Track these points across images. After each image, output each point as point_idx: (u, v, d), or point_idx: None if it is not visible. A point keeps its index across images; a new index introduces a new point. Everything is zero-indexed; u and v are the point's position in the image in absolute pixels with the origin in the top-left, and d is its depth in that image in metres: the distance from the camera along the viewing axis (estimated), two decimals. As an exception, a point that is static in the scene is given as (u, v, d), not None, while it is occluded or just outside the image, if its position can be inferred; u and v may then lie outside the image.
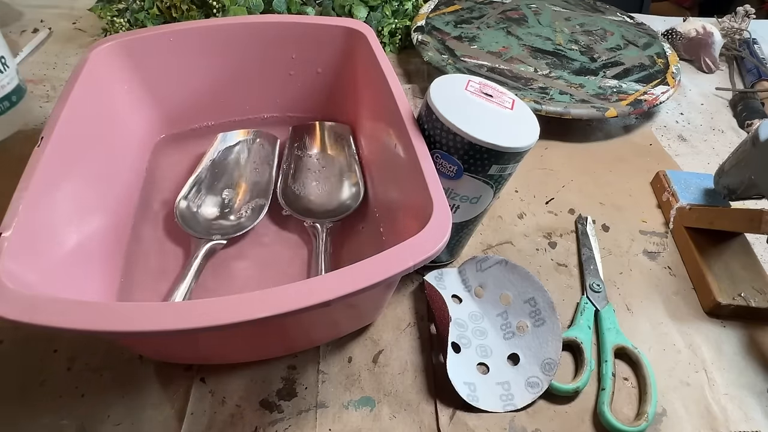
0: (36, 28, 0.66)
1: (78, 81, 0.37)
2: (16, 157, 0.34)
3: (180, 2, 0.60)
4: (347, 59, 0.48)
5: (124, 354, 0.35)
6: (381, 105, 0.41)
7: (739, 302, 0.40)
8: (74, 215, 0.33)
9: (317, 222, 0.41)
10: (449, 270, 0.41)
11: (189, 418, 0.32)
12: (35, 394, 0.32)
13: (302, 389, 0.34)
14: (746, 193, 0.43)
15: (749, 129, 0.62)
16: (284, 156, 0.47)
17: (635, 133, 0.61)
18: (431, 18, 0.68)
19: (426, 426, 0.33)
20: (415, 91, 0.62)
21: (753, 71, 0.71)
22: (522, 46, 0.65)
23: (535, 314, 0.37)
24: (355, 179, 0.45)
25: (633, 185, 0.53)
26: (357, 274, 0.25)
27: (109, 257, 0.37)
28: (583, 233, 0.46)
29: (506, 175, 0.34)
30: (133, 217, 0.41)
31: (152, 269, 0.38)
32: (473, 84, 0.36)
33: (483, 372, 0.36)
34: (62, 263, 0.31)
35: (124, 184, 0.41)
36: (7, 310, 0.23)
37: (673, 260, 0.46)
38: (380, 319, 0.38)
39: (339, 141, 0.49)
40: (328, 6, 0.65)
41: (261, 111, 0.51)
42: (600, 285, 0.42)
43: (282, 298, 0.24)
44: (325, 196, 0.44)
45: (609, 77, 0.62)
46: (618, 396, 0.35)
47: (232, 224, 0.41)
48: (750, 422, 0.35)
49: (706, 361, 0.38)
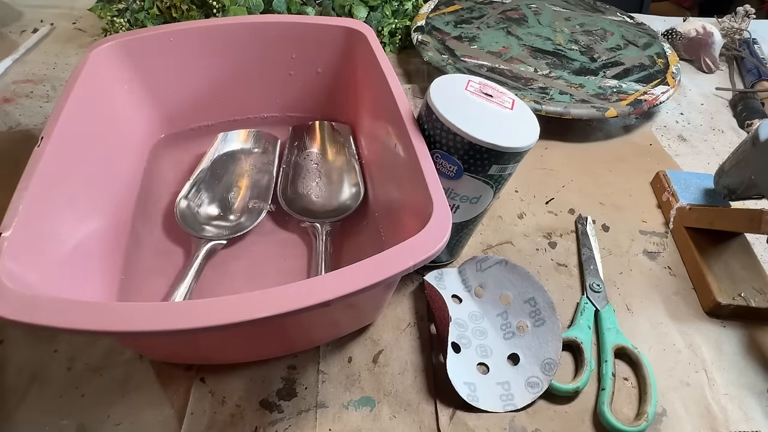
0: (36, 28, 0.66)
1: (78, 81, 0.37)
2: (15, 157, 0.34)
3: (180, 2, 0.60)
4: (347, 59, 0.48)
5: (124, 354, 0.35)
6: (381, 105, 0.41)
7: (739, 302, 0.40)
8: (74, 215, 0.33)
9: (317, 222, 0.41)
10: (449, 270, 0.41)
11: (189, 418, 0.32)
12: (35, 394, 0.32)
13: (302, 389, 0.34)
14: (746, 193, 0.43)
15: (749, 129, 0.62)
16: (284, 156, 0.47)
17: (635, 133, 0.61)
18: (431, 18, 0.68)
19: (426, 426, 0.33)
20: (415, 91, 0.62)
21: (753, 71, 0.71)
22: (522, 46, 0.65)
23: (535, 314, 0.37)
24: (355, 179, 0.45)
25: (633, 185, 0.53)
26: (357, 274, 0.25)
27: (109, 257, 0.37)
28: (583, 233, 0.46)
29: (506, 175, 0.34)
30: (133, 217, 0.41)
31: (152, 269, 0.38)
32: (473, 84, 0.36)
33: (483, 372, 0.36)
34: (62, 263, 0.31)
35: (124, 184, 0.41)
36: (7, 310, 0.23)
37: (673, 260, 0.46)
38: (380, 319, 0.38)
39: (339, 141, 0.49)
40: (328, 6, 0.65)
41: (261, 111, 0.51)
42: (600, 285, 0.42)
43: (282, 298, 0.24)
44: (325, 197, 0.44)
45: (609, 77, 0.62)
46: (618, 396, 0.35)
47: (232, 224, 0.41)
48: (750, 422, 0.35)
49: (706, 361, 0.38)
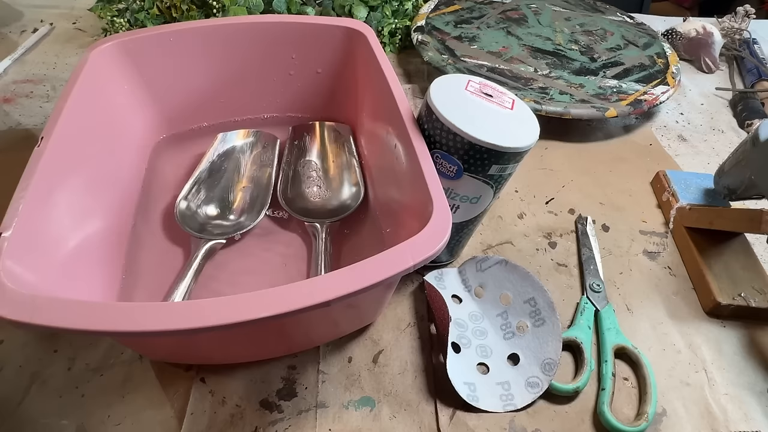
0: (36, 27, 0.66)
1: (78, 81, 0.37)
2: (15, 157, 0.34)
3: (180, 2, 0.60)
4: (347, 59, 0.48)
5: (124, 354, 0.35)
6: (381, 105, 0.41)
7: (739, 302, 0.40)
8: (74, 215, 0.33)
9: (317, 222, 0.41)
10: (449, 270, 0.41)
11: (189, 418, 0.32)
12: (35, 394, 0.32)
13: (302, 389, 0.34)
14: (746, 193, 0.43)
15: (749, 129, 0.62)
16: (284, 156, 0.47)
17: (635, 133, 0.61)
18: (431, 18, 0.68)
19: (426, 426, 0.33)
20: (415, 91, 0.62)
21: (753, 71, 0.71)
22: (522, 46, 0.65)
23: (535, 314, 0.37)
24: (356, 179, 0.45)
25: (633, 185, 0.53)
26: (357, 274, 0.25)
27: (109, 257, 0.37)
28: (583, 233, 0.46)
29: (506, 175, 0.34)
30: (133, 217, 0.41)
31: (152, 269, 0.38)
32: (473, 84, 0.36)
33: (483, 372, 0.36)
34: (62, 263, 0.30)
35: (125, 184, 0.41)
36: (7, 310, 0.23)
37: (673, 260, 0.46)
38: (380, 319, 0.38)
39: (339, 141, 0.49)
40: (328, 6, 0.65)
41: (261, 111, 0.51)
42: (600, 285, 0.42)
43: (282, 298, 0.24)
44: (324, 197, 0.44)
45: (609, 77, 0.62)
46: (618, 396, 0.35)
47: (232, 224, 0.41)
48: (750, 422, 0.35)
49: (706, 361, 0.38)
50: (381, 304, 0.37)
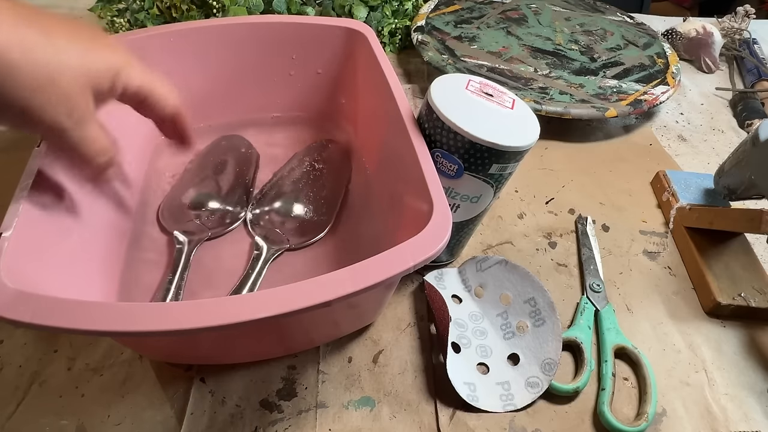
0: (36, 28, 0.66)
1: (78, 81, 0.36)
2: (15, 157, 0.34)
3: (180, 2, 0.59)
4: (347, 59, 0.48)
5: (124, 354, 0.35)
6: (381, 105, 0.41)
7: (739, 302, 0.40)
8: (74, 215, 0.33)
9: (266, 245, 0.39)
10: (449, 270, 0.41)
11: (189, 418, 0.32)
12: (35, 394, 0.32)
13: (302, 389, 0.34)
14: (746, 193, 0.43)
15: (749, 129, 0.62)
16: (283, 167, 0.46)
17: (635, 133, 0.61)
18: (431, 18, 0.68)
19: (426, 426, 0.33)
20: (415, 91, 0.62)
21: (753, 71, 0.71)
22: (522, 46, 0.65)
23: (535, 314, 0.37)
24: (329, 213, 0.43)
25: (633, 185, 0.53)
26: (357, 274, 0.25)
27: (109, 257, 0.37)
28: (583, 233, 0.46)
29: (507, 174, 0.34)
30: (134, 217, 0.41)
31: (152, 269, 0.38)
32: (473, 84, 0.36)
33: (483, 372, 0.36)
34: (62, 263, 0.30)
35: (125, 184, 0.41)
36: (7, 310, 0.23)
37: (673, 260, 0.46)
38: (380, 319, 0.38)
39: (333, 163, 0.47)
40: (328, 6, 0.65)
41: (261, 111, 0.51)
42: (600, 285, 0.42)
43: (282, 298, 0.24)
44: (290, 220, 0.42)
45: (609, 77, 0.62)
46: (618, 396, 0.35)
47: (215, 219, 0.41)
48: (750, 422, 0.35)
49: (706, 361, 0.38)
50: (381, 304, 0.37)
